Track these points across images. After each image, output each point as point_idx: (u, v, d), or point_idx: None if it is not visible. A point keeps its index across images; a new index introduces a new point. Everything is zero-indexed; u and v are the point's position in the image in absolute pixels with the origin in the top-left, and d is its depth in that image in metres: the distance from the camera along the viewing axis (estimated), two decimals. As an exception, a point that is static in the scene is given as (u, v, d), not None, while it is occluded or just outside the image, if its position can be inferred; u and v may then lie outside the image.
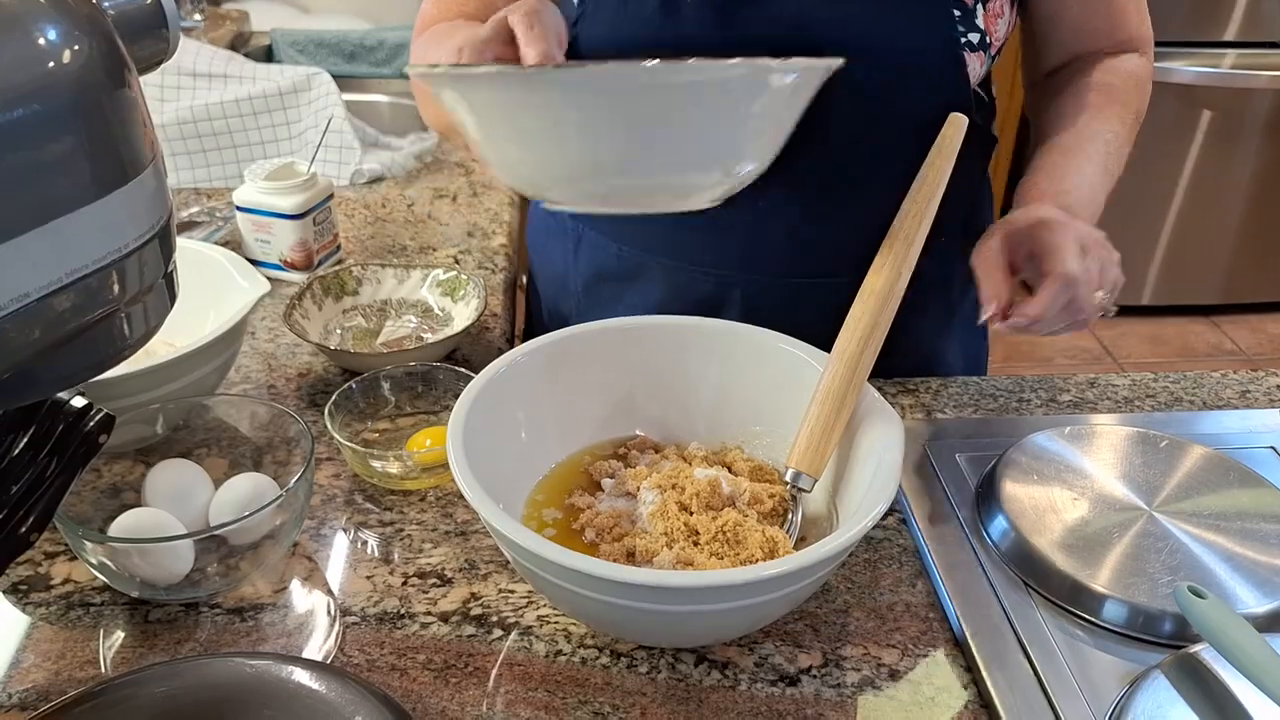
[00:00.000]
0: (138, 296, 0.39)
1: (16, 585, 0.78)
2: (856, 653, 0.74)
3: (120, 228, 0.37)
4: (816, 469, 0.77)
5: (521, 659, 0.72)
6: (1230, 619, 0.68)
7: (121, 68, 0.38)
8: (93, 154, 0.36)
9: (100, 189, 0.36)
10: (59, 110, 0.35)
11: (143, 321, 0.41)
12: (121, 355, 0.40)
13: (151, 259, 0.39)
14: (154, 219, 0.39)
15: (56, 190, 0.35)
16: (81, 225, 0.36)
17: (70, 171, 0.36)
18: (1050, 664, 0.72)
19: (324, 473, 0.90)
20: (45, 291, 0.35)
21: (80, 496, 0.78)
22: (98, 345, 0.39)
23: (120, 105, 0.38)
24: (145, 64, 0.41)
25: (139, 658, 0.72)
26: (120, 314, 0.39)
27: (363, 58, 1.95)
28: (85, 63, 0.36)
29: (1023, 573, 0.79)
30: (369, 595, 0.77)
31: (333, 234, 1.22)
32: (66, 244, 0.35)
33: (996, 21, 0.93)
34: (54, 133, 0.35)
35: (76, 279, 0.36)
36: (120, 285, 0.38)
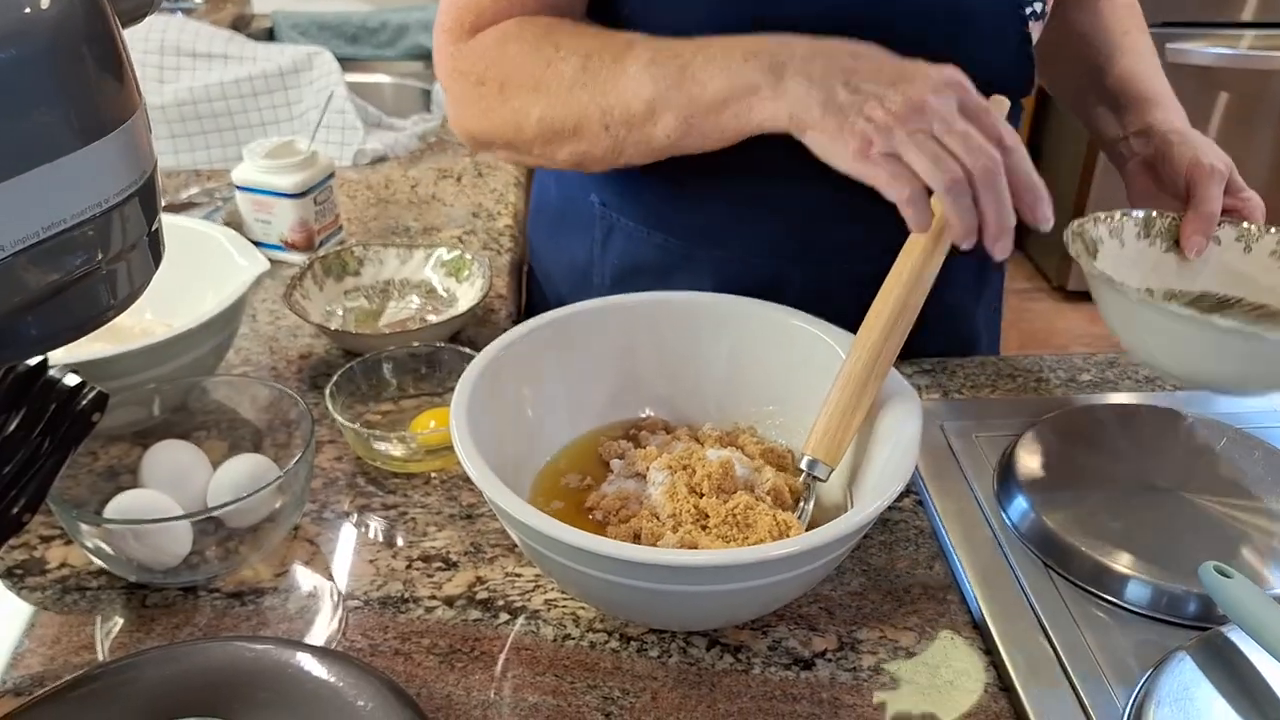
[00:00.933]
0: (120, 255, 0.37)
1: (12, 569, 0.76)
2: (872, 636, 0.72)
3: (100, 181, 0.35)
4: (834, 458, 0.75)
5: (529, 643, 0.70)
6: (1258, 598, 0.66)
7: (103, 16, 0.36)
8: (71, 103, 0.34)
9: (79, 139, 0.34)
10: (36, 55, 0.33)
11: (126, 282, 0.39)
12: (104, 317, 0.39)
13: (133, 216, 0.37)
14: (136, 174, 0.37)
15: (33, 140, 0.33)
16: (59, 177, 0.34)
17: (47, 120, 0.34)
18: (1072, 646, 0.70)
19: (325, 456, 0.88)
20: (21, 246, 0.33)
21: (76, 479, 0.77)
22: (79, 305, 0.37)
23: (101, 54, 0.36)
24: (129, 16, 0.39)
25: (136, 642, 0.70)
26: (101, 272, 0.37)
27: (365, 39, 1.93)
28: (65, 8, 0.34)
29: (1043, 553, 0.77)
30: (372, 579, 0.75)
31: (334, 214, 1.20)
32: (43, 196, 0.33)
33: None
34: (30, 79, 0.33)
35: (54, 234, 0.34)
36: (101, 242, 0.36)
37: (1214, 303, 0.86)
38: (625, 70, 0.78)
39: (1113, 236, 0.88)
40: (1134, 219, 0.89)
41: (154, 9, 0.41)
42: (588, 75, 0.79)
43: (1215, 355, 0.74)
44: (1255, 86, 2.91)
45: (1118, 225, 0.89)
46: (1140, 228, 0.89)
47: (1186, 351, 0.75)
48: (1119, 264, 0.87)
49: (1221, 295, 0.86)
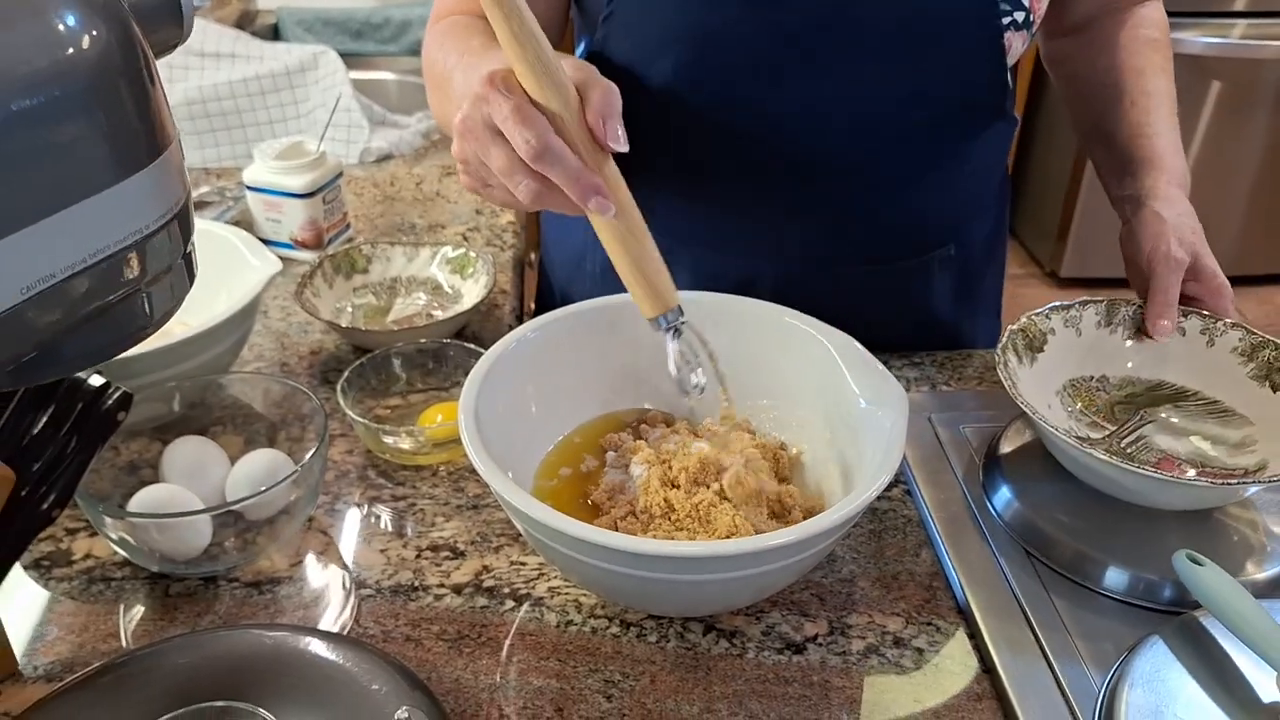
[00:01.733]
0: (158, 276, 0.40)
1: (39, 561, 0.79)
2: (862, 621, 0.75)
3: (141, 209, 0.39)
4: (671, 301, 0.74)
5: (533, 629, 0.74)
6: (1228, 585, 0.69)
7: (139, 53, 0.39)
8: (113, 138, 0.37)
9: (121, 172, 0.37)
10: (79, 95, 0.36)
11: (163, 300, 0.42)
12: (143, 334, 0.42)
13: (171, 239, 0.40)
14: (173, 200, 0.40)
15: (79, 174, 0.36)
16: (103, 208, 0.37)
17: (92, 155, 0.37)
18: (1052, 631, 0.73)
19: (337, 449, 0.91)
20: (69, 273, 0.36)
21: (99, 474, 0.80)
22: (119, 324, 0.40)
23: (139, 89, 0.39)
24: (160, 49, 0.42)
25: (160, 630, 0.74)
26: (141, 293, 0.40)
27: (369, 35, 1.96)
28: (104, 48, 0.37)
29: (1025, 541, 0.80)
30: (383, 568, 0.79)
31: (342, 212, 1.23)
32: (89, 226, 0.37)
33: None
34: (75, 117, 0.36)
35: (98, 260, 0.37)
36: (141, 266, 0.39)
37: (1170, 393, 0.89)
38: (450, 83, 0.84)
39: (1068, 326, 0.90)
40: (1096, 307, 0.91)
41: (183, 40, 0.44)
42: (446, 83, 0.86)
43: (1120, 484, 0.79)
44: (1247, 75, 2.93)
45: (1074, 315, 0.91)
46: (1102, 316, 0.91)
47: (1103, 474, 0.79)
48: (1072, 355, 0.90)
49: (1179, 386, 0.89)
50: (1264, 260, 3.31)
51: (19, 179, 0.34)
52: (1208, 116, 2.99)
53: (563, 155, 0.67)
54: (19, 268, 0.34)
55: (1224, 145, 3.05)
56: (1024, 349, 0.88)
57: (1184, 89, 1.07)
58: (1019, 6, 0.89)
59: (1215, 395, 0.87)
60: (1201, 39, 2.82)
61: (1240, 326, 0.88)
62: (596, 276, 1.10)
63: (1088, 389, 0.89)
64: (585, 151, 0.69)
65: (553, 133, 0.67)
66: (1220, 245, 3.28)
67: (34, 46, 0.35)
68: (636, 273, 0.73)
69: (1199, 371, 0.89)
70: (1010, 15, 0.89)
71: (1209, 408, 0.87)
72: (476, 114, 0.69)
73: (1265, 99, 2.98)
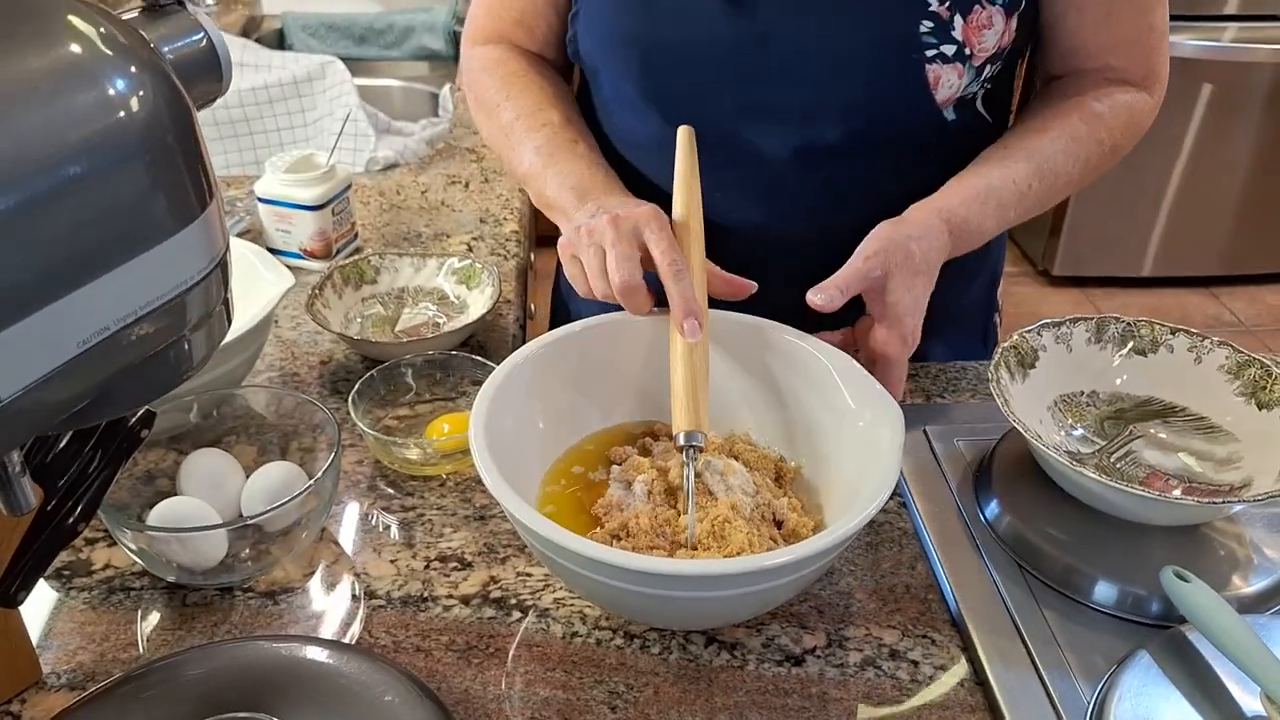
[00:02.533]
0: (201, 322, 0.43)
1: (60, 570, 0.81)
2: (858, 633, 0.77)
3: (188, 261, 0.41)
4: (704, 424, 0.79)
5: (539, 640, 0.76)
6: (1213, 601, 0.72)
7: (185, 110, 0.41)
8: (163, 196, 0.39)
9: (172, 227, 0.40)
10: (131, 156, 0.38)
11: (203, 345, 0.44)
12: (186, 376, 0.44)
13: (214, 287, 0.43)
14: (216, 250, 0.42)
15: (132, 231, 0.38)
16: (155, 262, 0.39)
17: (146, 212, 0.39)
18: (1043, 644, 0.75)
19: (347, 459, 0.94)
20: (123, 324, 0.38)
21: (117, 484, 0.81)
22: (165, 368, 0.42)
23: (186, 145, 0.41)
24: (200, 102, 0.44)
25: (178, 640, 0.76)
26: (186, 339, 0.42)
27: (373, 40, 1.98)
28: (152, 108, 0.39)
29: (1017, 555, 0.83)
30: (393, 579, 0.81)
31: (350, 223, 1.26)
32: (141, 280, 0.39)
33: (981, 33, 0.91)
34: (127, 178, 0.38)
35: (150, 310, 0.39)
36: (186, 314, 0.41)
37: (1159, 409, 0.91)
38: (524, 145, 0.99)
39: (1059, 343, 0.92)
40: (1086, 324, 0.93)
41: (223, 93, 0.46)
42: (510, 130, 1.02)
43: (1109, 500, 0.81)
44: (1238, 79, 2.96)
45: (1065, 332, 0.93)
46: (1092, 333, 0.93)
47: (1092, 490, 0.81)
48: (1062, 371, 0.92)
49: (1167, 403, 0.91)
50: (1254, 260, 3.35)
51: (76, 240, 0.36)
52: (1199, 118, 3.02)
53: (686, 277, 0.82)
54: (76, 323, 0.37)
55: (1215, 147, 3.08)
56: (1016, 366, 0.90)
57: (1175, 92, 1.04)
58: (948, 40, 0.90)
59: (1202, 412, 0.90)
60: (1192, 42, 2.85)
61: (1227, 344, 0.90)
62: None
63: (1078, 404, 0.92)
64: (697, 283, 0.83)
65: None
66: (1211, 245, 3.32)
67: (87, 112, 0.37)
68: (690, 389, 0.80)
69: (1187, 388, 0.91)
70: (937, 48, 0.90)
71: (1196, 424, 0.89)
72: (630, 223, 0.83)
73: (1255, 101, 3.02)
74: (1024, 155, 0.94)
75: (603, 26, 0.99)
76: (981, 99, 0.98)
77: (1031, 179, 0.93)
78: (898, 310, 0.85)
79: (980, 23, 0.91)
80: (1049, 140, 0.95)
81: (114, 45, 0.39)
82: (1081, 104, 0.97)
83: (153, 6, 0.44)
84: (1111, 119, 0.97)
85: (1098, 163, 0.98)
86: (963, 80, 0.93)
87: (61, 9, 0.39)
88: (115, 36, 0.39)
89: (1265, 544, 0.83)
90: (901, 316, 0.84)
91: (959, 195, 0.91)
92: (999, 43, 0.93)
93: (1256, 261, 3.36)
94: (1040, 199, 0.95)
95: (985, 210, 0.92)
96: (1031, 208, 0.95)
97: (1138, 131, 1.00)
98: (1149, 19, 0.97)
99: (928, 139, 0.97)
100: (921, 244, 0.86)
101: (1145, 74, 0.99)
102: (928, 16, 0.89)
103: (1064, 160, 0.95)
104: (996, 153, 0.95)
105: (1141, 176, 3.10)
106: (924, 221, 0.88)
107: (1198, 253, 3.31)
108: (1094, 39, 0.97)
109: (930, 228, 0.87)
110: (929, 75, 0.91)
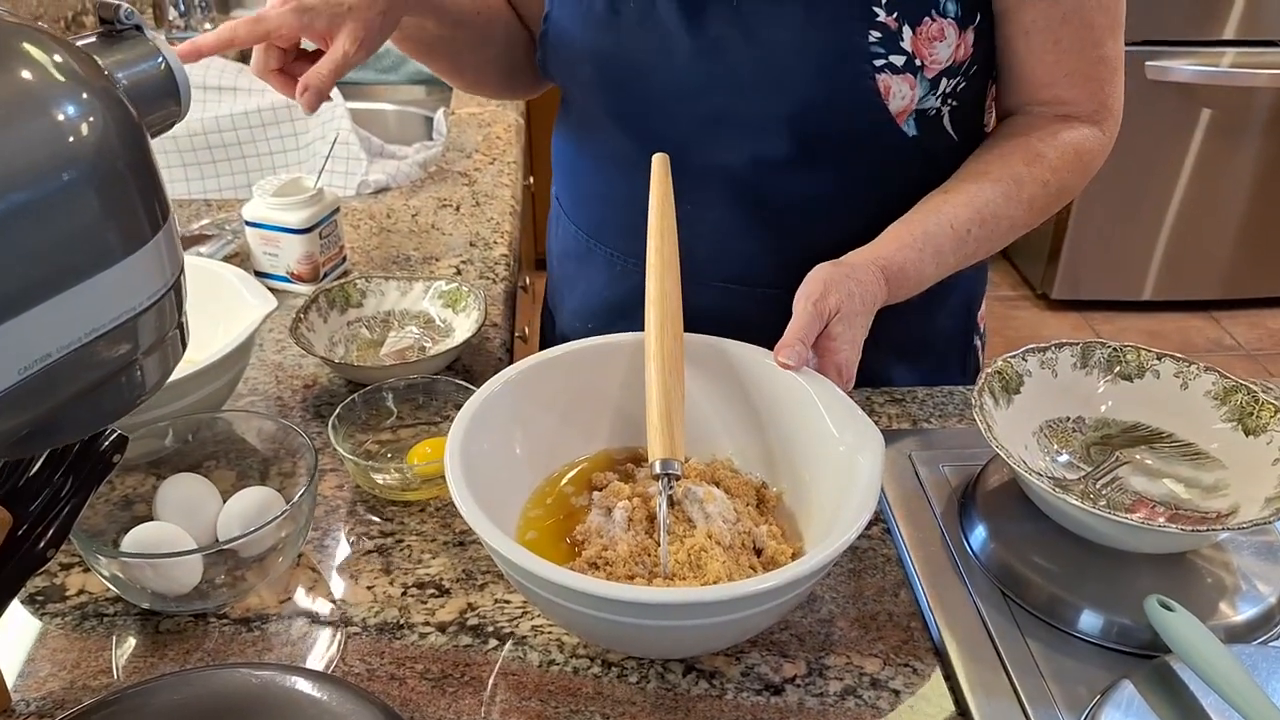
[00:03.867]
0: (153, 348, 0.42)
1: (34, 596, 0.81)
2: (839, 662, 0.77)
3: (137, 287, 0.40)
4: (679, 452, 0.78)
5: (516, 669, 0.75)
6: (1197, 631, 0.71)
7: (137, 135, 0.41)
8: (112, 221, 0.39)
9: (121, 252, 0.39)
10: (80, 182, 0.38)
11: (156, 370, 0.44)
12: (138, 402, 0.43)
13: (166, 312, 0.42)
14: (167, 275, 0.42)
15: (80, 256, 0.38)
16: (101, 288, 0.39)
17: (92, 238, 0.38)
18: (1026, 674, 0.74)
19: (328, 483, 0.93)
20: (66, 350, 0.38)
21: (94, 509, 0.82)
22: (116, 395, 0.42)
23: (137, 171, 0.40)
24: (158, 127, 0.44)
25: (150, 667, 0.75)
26: (137, 365, 0.42)
27: (369, 64, 1.98)
28: (102, 135, 0.39)
29: (1001, 583, 0.82)
30: (369, 605, 0.80)
31: (338, 246, 1.25)
32: (87, 306, 0.38)
33: (933, 45, 0.91)
34: (76, 203, 0.38)
35: (95, 337, 0.39)
36: (136, 339, 0.41)
37: (1145, 435, 0.90)
38: None
39: (1044, 368, 0.92)
40: (1071, 349, 0.92)
41: (182, 116, 0.45)
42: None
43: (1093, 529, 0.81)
44: (1237, 103, 2.96)
45: (1051, 357, 0.92)
46: (1078, 358, 0.93)
47: (1076, 518, 0.81)
48: (1048, 396, 0.91)
49: (1153, 429, 0.90)
50: (1254, 284, 3.35)
51: (22, 265, 0.36)
52: (1198, 143, 3.02)
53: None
54: (17, 349, 0.36)
55: (1214, 171, 3.08)
56: (1000, 391, 0.89)
57: (1174, 117, 1.05)
58: (897, 51, 0.90)
59: (1189, 438, 0.89)
60: (1191, 67, 2.85)
61: (1214, 370, 0.90)
62: (555, 268, 1.19)
63: (1064, 430, 0.91)
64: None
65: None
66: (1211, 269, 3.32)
67: (36, 139, 0.37)
68: (665, 417, 0.79)
69: (1173, 414, 0.90)
70: (885, 58, 0.90)
71: (1183, 450, 0.88)
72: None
73: (1255, 125, 3.02)
74: (964, 201, 0.94)
75: (568, 45, 1.01)
76: (949, 117, 0.98)
77: (971, 224, 0.93)
78: (835, 344, 0.85)
79: (931, 34, 0.90)
80: (990, 184, 0.95)
81: (65, 71, 0.39)
82: (1026, 145, 0.97)
83: (110, 32, 0.44)
84: (1057, 159, 0.96)
85: (1044, 204, 0.97)
86: (915, 92, 0.93)
87: (14, 36, 0.39)
88: (66, 63, 0.39)
89: (1253, 572, 0.82)
90: (838, 350, 0.85)
91: (895, 243, 0.92)
92: (954, 56, 0.93)
93: (1258, 285, 3.35)
94: (982, 243, 0.95)
95: (923, 257, 0.92)
96: (974, 252, 0.96)
97: (1087, 170, 0.99)
98: (1100, 51, 0.95)
99: (890, 154, 0.97)
100: (859, 285, 0.87)
101: (1097, 108, 0.98)
102: (875, 27, 0.89)
103: (1005, 204, 0.95)
104: (936, 198, 0.95)
105: (1142, 200, 3.09)
106: (861, 265, 0.89)
107: (1198, 276, 3.31)
108: (1043, 68, 0.96)
109: (867, 273, 0.88)
110: (879, 85, 0.91)
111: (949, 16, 0.90)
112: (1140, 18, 2.75)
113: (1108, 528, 0.78)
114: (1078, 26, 0.93)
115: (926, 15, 0.90)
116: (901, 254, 0.91)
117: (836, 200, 0.97)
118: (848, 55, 0.90)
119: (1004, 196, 0.94)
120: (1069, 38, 0.94)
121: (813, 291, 0.85)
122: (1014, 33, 0.94)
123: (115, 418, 0.43)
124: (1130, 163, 2.96)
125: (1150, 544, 0.80)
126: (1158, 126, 2.94)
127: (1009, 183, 0.95)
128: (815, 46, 0.91)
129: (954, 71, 0.94)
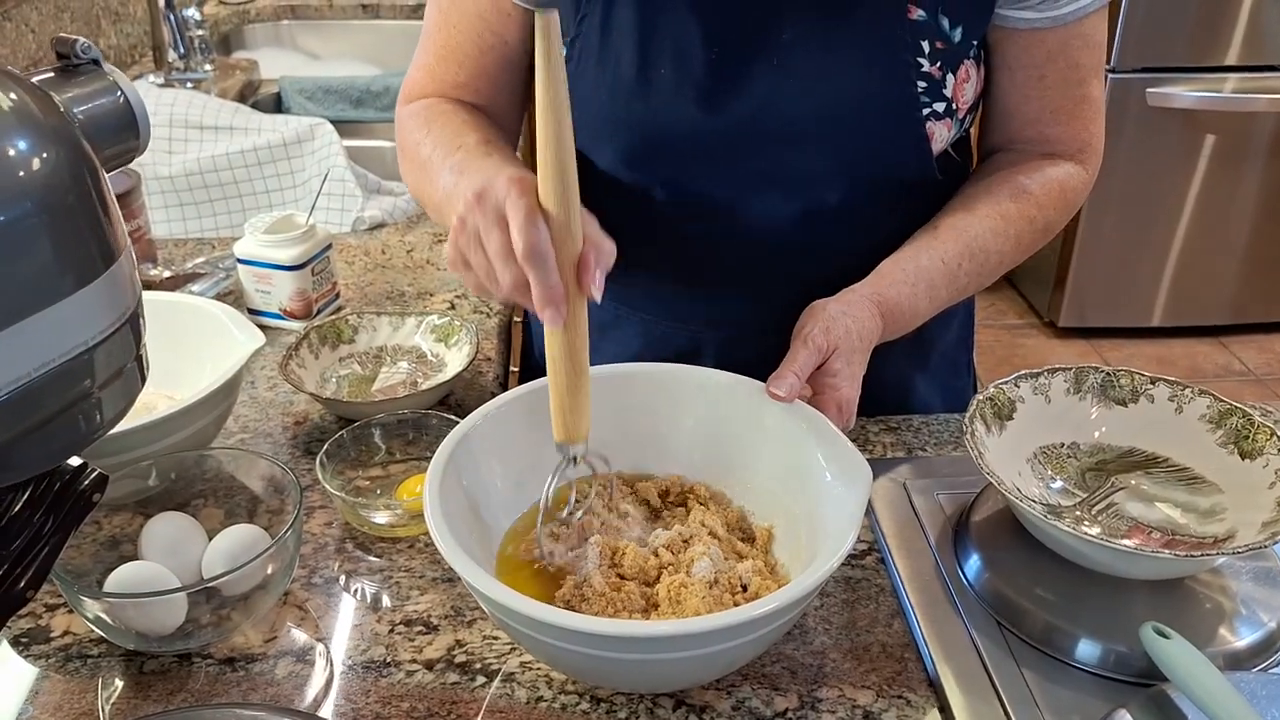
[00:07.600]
0: (109, 381, 0.42)
1: (18, 637, 0.80)
2: (832, 694, 0.75)
3: (90, 320, 0.40)
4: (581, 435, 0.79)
5: (503, 706, 0.74)
6: (1193, 658, 0.70)
7: (88, 171, 0.41)
8: (62, 255, 0.39)
9: (70, 287, 0.39)
10: (28, 216, 0.38)
11: (114, 403, 0.43)
12: (94, 437, 0.43)
13: (121, 345, 0.42)
14: (122, 308, 0.42)
15: (27, 290, 0.38)
16: (52, 321, 0.38)
17: (40, 272, 0.38)
18: (1021, 704, 0.73)
19: (316, 521, 0.92)
20: (13, 386, 0.38)
21: (80, 549, 0.81)
22: (70, 429, 0.41)
23: (88, 206, 0.40)
24: (118, 161, 0.44)
25: (134, 708, 0.74)
26: (92, 398, 0.41)
27: (369, 103, 2.00)
28: (53, 170, 0.39)
29: (996, 612, 0.81)
30: (356, 644, 0.80)
31: (331, 282, 1.25)
32: (36, 339, 0.38)
33: (964, 86, 0.93)
34: (24, 237, 0.38)
35: (46, 371, 0.38)
36: (90, 373, 0.41)
37: (1141, 460, 0.89)
38: (440, 171, 0.92)
39: (1037, 394, 0.91)
40: (1064, 375, 0.92)
41: (141, 150, 0.45)
42: (428, 163, 0.95)
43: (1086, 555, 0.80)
44: (1240, 129, 2.96)
45: (1043, 383, 0.92)
46: (1071, 384, 0.92)
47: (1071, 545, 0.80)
48: (1041, 422, 0.90)
49: (1149, 453, 0.89)
50: (1262, 308, 3.33)
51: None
52: (1202, 168, 3.01)
53: (548, 262, 0.72)
54: (-39, 384, 0.36)
55: (1219, 196, 3.07)
56: (992, 418, 0.88)
57: (1178, 143, 1.05)
58: (940, 98, 0.92)
59: (1185, 462, 0.88)
60: (1193, 93, 2.85)
61: (1208, 393, 0.89)
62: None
63: (1058, 456, 0.90)
64: (567, 276, 0.74)
65: (549, 243, 0.72)
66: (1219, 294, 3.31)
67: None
68: (564, 399, 0.78)
69: (1168, 438, 0.89)
70: (930, 106, 0.92)
71: (1179, 475, 0.87)
72: (492, 197, 0.74)
73: (1258, 150, 3.01)
74: (953, 236, 0.95)
75: (595, 110, 0.95)
76: (952, 151, 1.00)
77: (961, 258, 0.94)
78: (836, 381, 0.85)
79: (963, 78, 0.93)
80: (977, 220, 0.96)
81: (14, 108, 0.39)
82: (1011, 181, 0.98)
83: (67, 67, 0.44)
84: (1042, 195, 0.97)
85: (1030, 240, 0.99)
86: (950, 133, 0.95)
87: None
88: (19, 99, 0.39)
89: (1252, 597, 0.81)
90: (839, 387, 0.85)
91: (889, 279, 0.92)
92: (975, 93, 0.95)
93: (1266, 310, 3.34)
94: (972, 278, 0.96)
95: (916, 292, 0.92)
96: (965, 287, 0.97)
97: (1070, 206, 1.00)
98: (1083, 90, 0.97)
99: (925, 197, 0.99)
100: (857, 322, 0.88)
101: (1080, 146, 1.00)
102: (921, 77, 0.90)
103: (993, 239, 0.96)
104: (925, 234, 0.96)
105: (1148, 227, 3.09)
106: (857, 302, 0.89)
107: (1206, 302, 3.29)
108: (1027, 104, 0.97)
109: (863, 309, 0.89)
110: (928, 131, 0.93)
111: (971, 57, 0.93)
112: (1142, 45, 2.75)
113: (1102, 554, 0.77)
114: (1064, 65, 0.94)
115: (962, 63, 0.92)
116: (895, 290, 0.92)
117: (880, 247, 0.97)
118: (901, 106, 0.91)
119: (991, 232, 0.95)
120: (1054, 75, 0.95)
121: (810, 327, 0.86)
122: (999, 65, 0.96)
123: (71, 453, 0.42)
124: (1135, 189, 2.96)
125: (1146, 570, 0.79)
126: (1161, 153, 2.93)
127: (996, 218, 0.96)
128: (875, 97, 0.91)
129: (974, 108, 0.96)
